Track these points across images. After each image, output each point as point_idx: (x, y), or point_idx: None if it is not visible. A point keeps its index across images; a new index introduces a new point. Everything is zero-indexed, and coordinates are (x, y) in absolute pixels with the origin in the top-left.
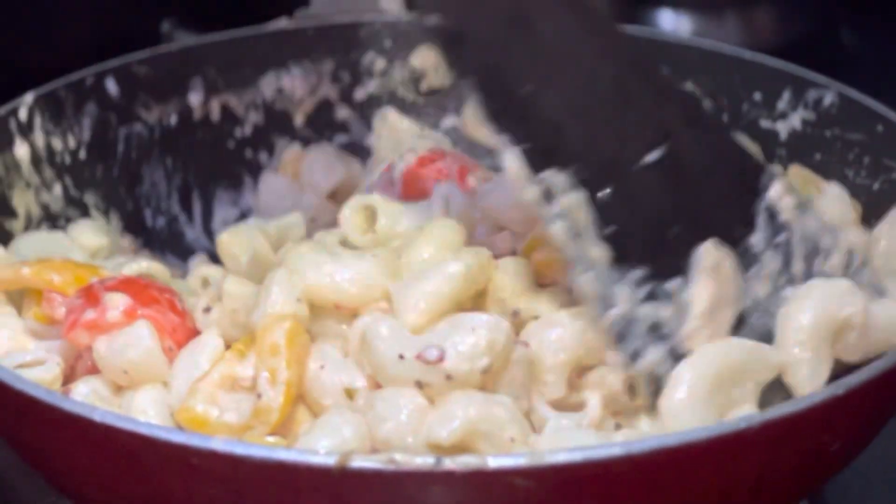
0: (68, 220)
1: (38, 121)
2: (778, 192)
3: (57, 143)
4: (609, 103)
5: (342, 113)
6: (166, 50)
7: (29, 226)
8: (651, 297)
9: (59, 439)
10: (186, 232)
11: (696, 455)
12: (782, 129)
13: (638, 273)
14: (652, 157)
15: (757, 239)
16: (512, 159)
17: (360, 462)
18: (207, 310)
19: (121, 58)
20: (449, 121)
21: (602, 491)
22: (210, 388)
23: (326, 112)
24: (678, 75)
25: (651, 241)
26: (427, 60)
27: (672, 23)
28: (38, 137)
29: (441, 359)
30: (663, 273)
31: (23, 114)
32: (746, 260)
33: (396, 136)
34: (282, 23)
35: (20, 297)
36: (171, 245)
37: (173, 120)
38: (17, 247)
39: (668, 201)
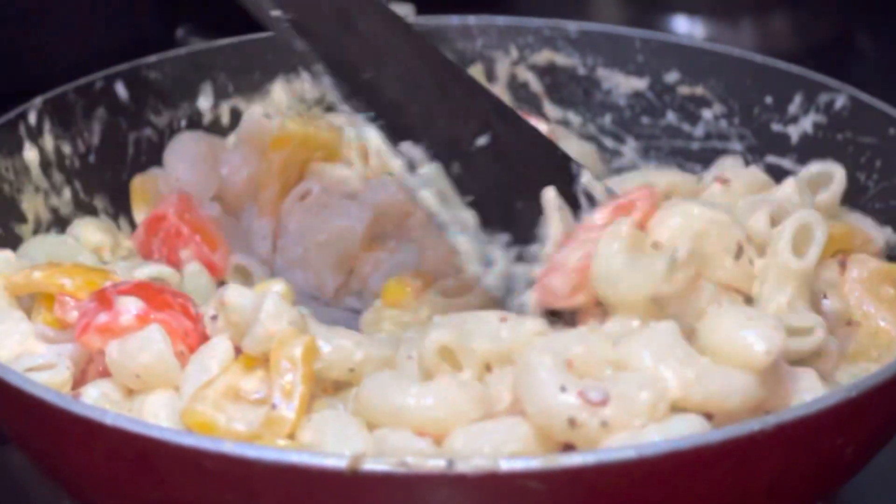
0: None
1: (47, 125)
2: (588, 179)
3: (66, 148)
4: (433, 94)
5: None
6: (176, 54)
7: (38, 230)
8: (520, 258)
9: (69, 442)
10: None
11: (709, 458)
12: (794, 132)
13: (504, 237)
14: (481, 141)
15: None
16: (371, 134)
17: (371, 465)
18: (214, 317)
19: (131, 62)
20: None
21: (615, 494)
22: (215, 396)
23: None
24: (690, 79)
25: (504, 212)
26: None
27: (687, 29)
28: (48, 141)
29: (604, 403)
30: (523, 240)
31: (32, 118)
32: None
33: None
34: None
35: (30, 302)
36: None
37: (183, 124)
38: (27, 250)
39: (507, 179)
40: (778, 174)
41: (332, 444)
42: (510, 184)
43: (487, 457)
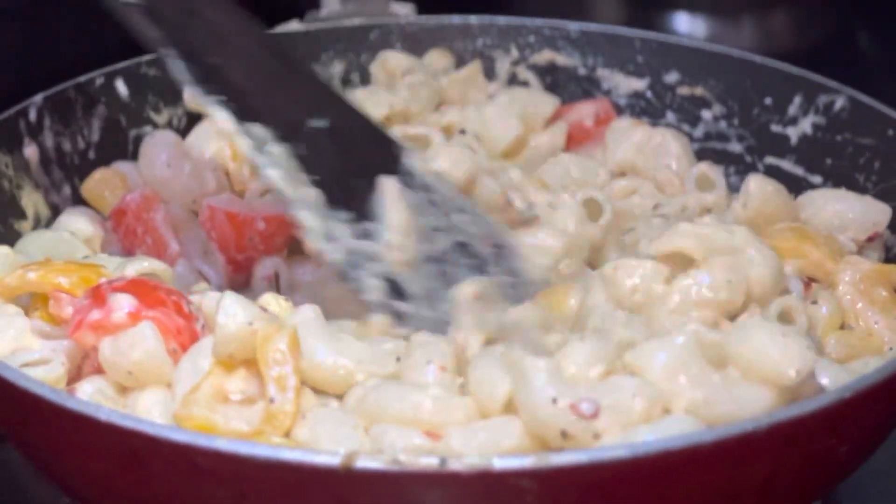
0: None
1: (47, 122)
2: (413, 161)
3: (66, 145)
4: (270, 79)
5: None
6: None
7: (37, 226)
8: (361, 235)
9: (63, 438)
10: None
11: (703, 457)
12: (793, 133)
13: (346, 215)
14: (320, 123)
15: (412, 195)
16: (222, 115)
17: (364, 462)
18: (204, 326)
19: (130, 59)
20: None
21: (607, 493)
22: (206, 399)
23: None
24: (689, 79)
25: (343, 191)
26: (438, 63)
27: (687, 27)
28: (48, 138)
29: (595, 415)
30: (363, 217)
31: (32, 114)
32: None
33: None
34: (292, 25)
35: (28, 297)
36: None
37: (183, 122)
38: (24, 246)
39: (343, 160)
40: (777, 175)
41: (327, 441)
42: (347, 164)
43: (481, 455)
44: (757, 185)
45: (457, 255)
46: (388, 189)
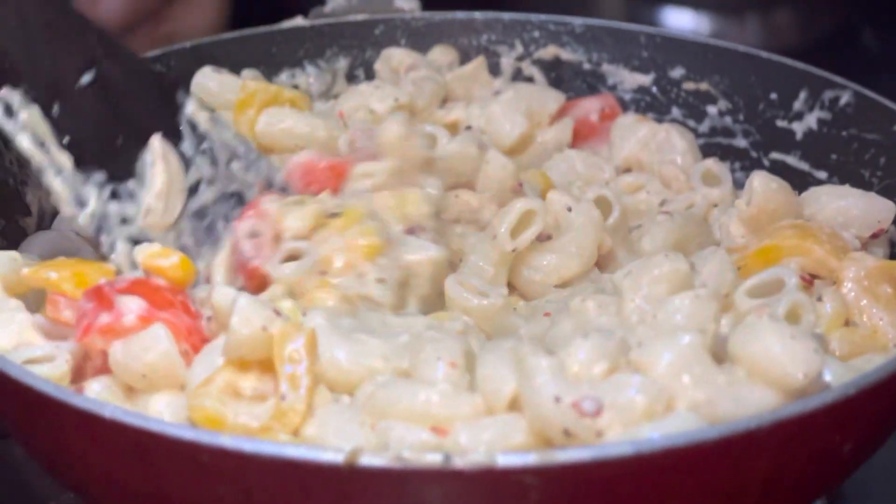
0: None
1: None
2: (193, 108)
3: None
4: (38, 34)
5: None
6: (181, 47)
7: (42, 223)
8: (114, 196)
9: (68, 435)
10: None
11: (706, 454)
12: (798, 129)
13: (99, 176)
14: (85, 79)
15: (186, 146)
16: None
17: (368, 460)
18: (210, 318)
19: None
20: None
21: (612, 490)
22: (217, 393)
23: None
24: (695, 74)
25: (102, 149)
26: (442, 59)
27: (692, 24)
28: None
29: (598, 413)
30: (120, 176)
31: None
32: (185, 164)
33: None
34: (297, 21)
35: (34, 293)
36: None
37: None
38: (28, 246)
39: (109, 116)
40: (782, 171)
41: (334, 438)
42: (112, 120)
43: (484, 452)
44: (761, 183)
45: (226, 205)
46: (152, 147)
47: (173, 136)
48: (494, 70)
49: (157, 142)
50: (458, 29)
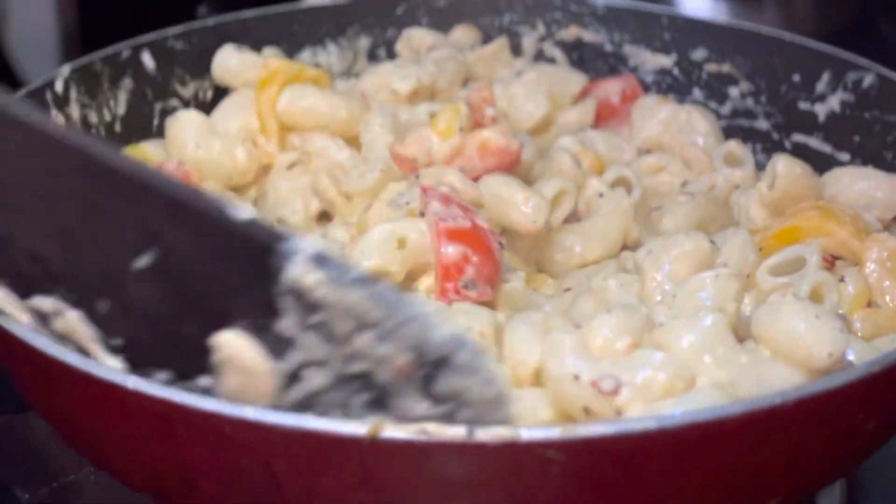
0: None
1: (73, 93)
2: (299, 271)
3: (93, 117)
4: (82, 220)
5: None
6: (203, 25)
7: None
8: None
9: (90, 407)
10: None
11: (729, 430)
12: (821, 111)
13: (163, 376)
14: (142, 262)
15: (287, 324)
16: None
17: (391, 432)
18: None
19: (156, 32)
20: None
21: (634, 465)
22: None
23: None
24: (717, 56)
25: (166, 344)
26: (464, 39)
27: (710, 11)
28: (74, 110)
29: (616, 391)
30: (190, 373)
31: (59, 86)
32: (281, 347)
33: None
34: (318, 0)
35: None
36: None
37: (209, 95)
38: None
39: (173, 301)
40: (804, 153)
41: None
42: (178, 305)
43: (507, 426)
44: (784, 167)
45: (344, 391)
46: (224, 345)
47: (265, 314)
48: (516, 50)
49: (222, 342)
50: (480, 9)
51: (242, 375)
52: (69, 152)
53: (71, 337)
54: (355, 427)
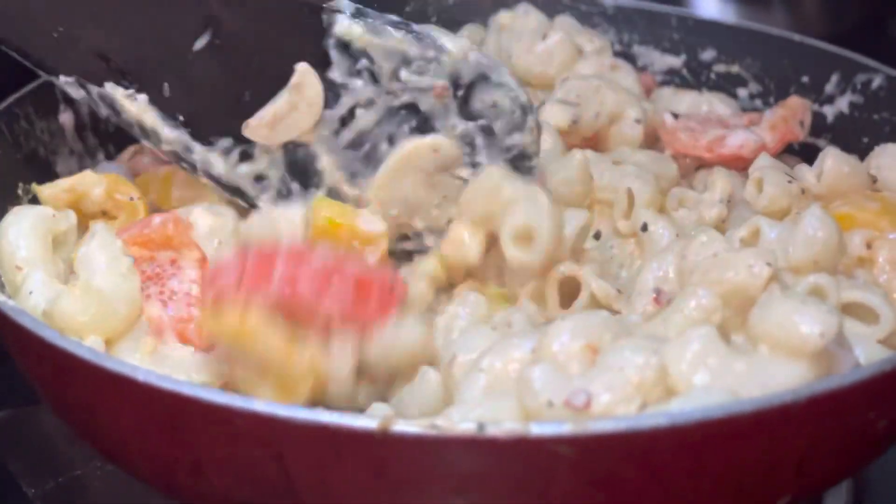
0: None
1: None
2: (344, 26)
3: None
4: (143, 16)
5: None
6: None
7: None
8: (245, 157)
9: (101, 400)
10: None
11: (741, 427)
12: (829, 112)
13: (225, 142)
14: (200, 44)
15: (338, 72)
16: (70, 87)
17: (402, 427)
18: None
19: None
20: None
21: (645, 461)
22: None
23: None
24: (726, 57)
25: (226, 112)
26: (473, 38)
27: (718, 13)
28: (83, 104)
29: (588, 405)
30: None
31: None
32: (333, 94)
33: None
34: None
35: None
36: None
37: None
38: None
39: (231, 74)
40: (812, 155)
41: None
42: (236, 77)
43: (518, 421)
44: (833, 164)
45: (391, 123)
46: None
47: (318, 66)
48: None
49: (300, 71)
50: (489, 8)
51: (297, 107)
52: None
53: (139, 120)
54: (367, 421)
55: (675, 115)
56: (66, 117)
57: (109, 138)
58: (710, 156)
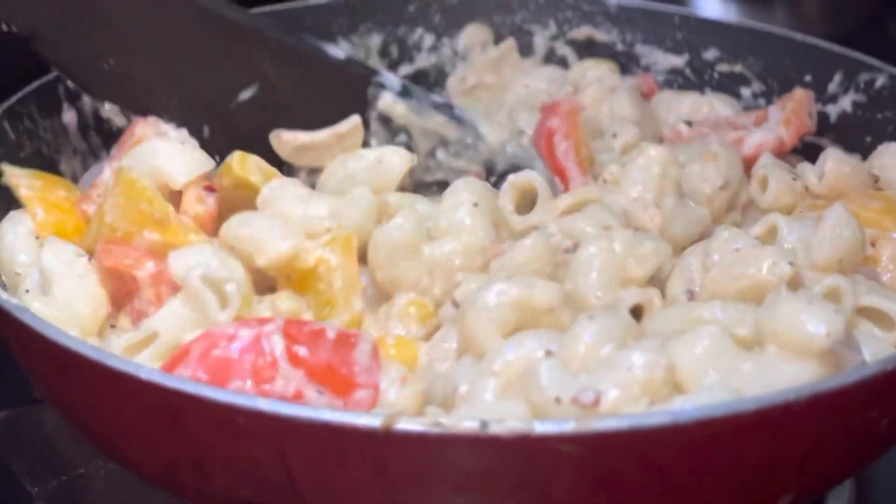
0: None
1: None
2: (388, 101)
3: (104, 110)
4: (195, 61)
5: None
6: None
7: None
8: None
9: (103, 397)
10: None
11: (743, 426)
12: (832, 111)
13: None
14: (245, 95)
15: (374, 140)
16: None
17: (405, 424)
18: None
19: None
20: None
21: (647, 459)
22: None
23: None
24: (729, 56)
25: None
26: (476, 37)
27: (721, 12)
28: (86, 104)
29: (597, 402)
30: None
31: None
32: None
33: None
34: None
35: None
36: None
37: None
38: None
39: (271, 124)
40: (815, 154)
41: None
42: (274, 128)
43: (521, 419)
44: (833, 165)
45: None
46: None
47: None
48: (528, 49)
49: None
50: (491, 7)
51: (331, 149)
52: (187, 4)
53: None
54: (370, 419)
55: (689, 123)
56: (69, 116)
57: (113, 137)
58: None
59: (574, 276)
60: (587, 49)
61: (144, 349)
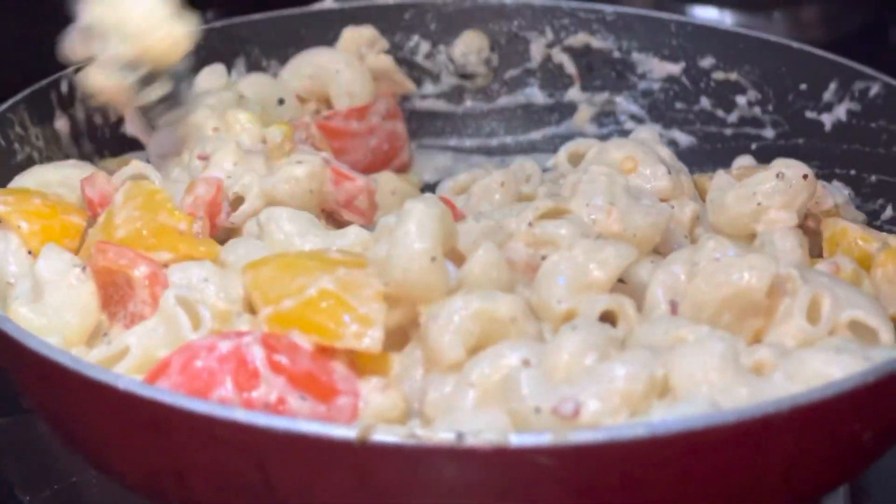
0: None
1: (78, 94)
2: None
3: (97, 118)
4: None
5: None
6: (210, 27)
7: None
8: None
9: (84, 408)
10: None
11: (723, 438)
12: (827, 120)
13: None
14: None
15: None
16: None
17: (381, 436)
18: None
19: None
20: None
21: (624, 472)
22: None
23: None
24: (725, 64)
25: None
26: (471, 44)
27: (717, 20)
28: (79, 111)
29: (577, 413)
30: None
31: (64, 87)
32: None
33: None
34: (327, 4)
35: None
36: None
37: None
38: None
39: None
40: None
41: None
42: None
43: (497, 431)
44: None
45: None
46: None
47: None
48: (524, 56)
49: None
50: (488, 14)
51: None
52: None
53: None
54: (346, 430)
55: None
56: (61, 124)
57: (105, 144)
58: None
59: (537, 285)
60: (584, 56)
61: (116, 364)
